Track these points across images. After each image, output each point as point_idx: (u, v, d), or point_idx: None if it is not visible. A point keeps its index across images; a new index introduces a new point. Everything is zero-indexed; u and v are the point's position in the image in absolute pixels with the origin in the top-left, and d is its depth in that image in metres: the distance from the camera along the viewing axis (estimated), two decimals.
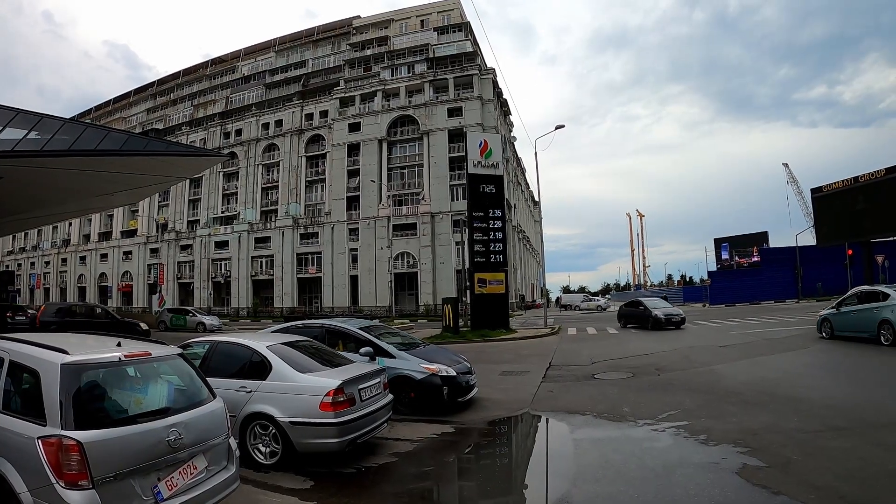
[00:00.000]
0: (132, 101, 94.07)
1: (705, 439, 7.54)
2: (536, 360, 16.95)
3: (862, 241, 44.25)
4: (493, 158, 29.62)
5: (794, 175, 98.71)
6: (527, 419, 9.97)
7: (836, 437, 7.26)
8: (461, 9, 72.55)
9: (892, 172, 42.14)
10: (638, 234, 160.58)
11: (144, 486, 4.14)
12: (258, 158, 76.55)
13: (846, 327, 17.84)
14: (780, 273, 56.16)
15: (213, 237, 76.46)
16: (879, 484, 5.61)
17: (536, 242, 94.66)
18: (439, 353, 11.27)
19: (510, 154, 75.15)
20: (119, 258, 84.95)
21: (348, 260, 67.78)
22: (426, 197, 65.31)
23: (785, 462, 6.36)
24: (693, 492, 5.66)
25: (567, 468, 7.09)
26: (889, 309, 15.88)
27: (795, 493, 5.43)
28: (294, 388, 6.98)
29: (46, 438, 3.84)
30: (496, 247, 28.83)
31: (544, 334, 26.38)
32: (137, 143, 20.43)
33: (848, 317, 17.87)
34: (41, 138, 17.49)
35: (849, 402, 9.22)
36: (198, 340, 8.52)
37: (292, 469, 6.77)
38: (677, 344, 19.99)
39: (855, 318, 17.49)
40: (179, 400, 4.84)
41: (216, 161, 51.49)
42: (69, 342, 4.58)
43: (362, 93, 71.42)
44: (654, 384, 11.97)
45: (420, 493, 6.61)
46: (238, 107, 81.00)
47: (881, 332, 15.97)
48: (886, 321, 15.84)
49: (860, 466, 6.12)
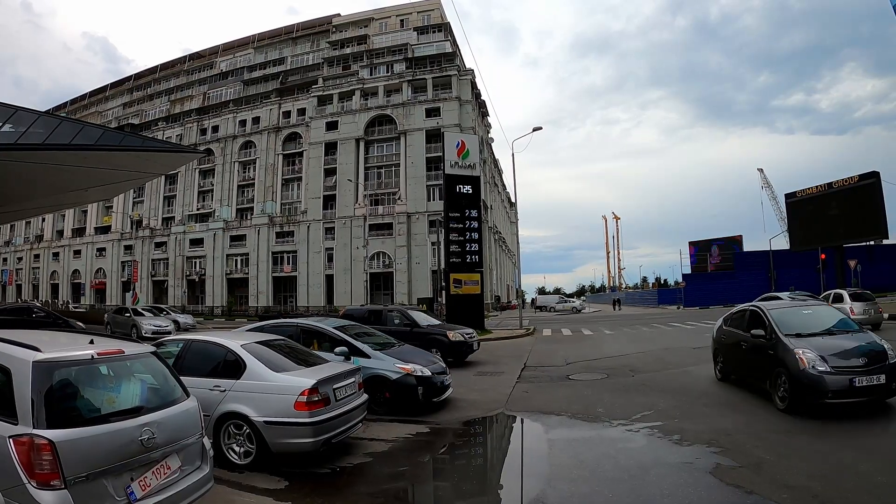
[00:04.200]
0: (108, 95, 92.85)
1: (679, 440, 7.62)
2: (511, 360, 17.04)
3: (835, 245, 44.89)
4: (470, 159, 29.69)
5: (769, 180, 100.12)
6: (502, 419, 10.01)
7: (808, 438, 7.39)
8: (442, 9, 72.57)
9: (865, 179, 42.87)
10: (614, 237, 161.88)
11: (117, 487, 4.09)
12: (235, 156, 75.94)
13: None
14: (755, 276, 56.68)
15: (188, 234, 75.69)
16: (852, 483, 5.71)
17: (512, 244, 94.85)
18: (415, 353, 11.27)
19: (487, 155, 75.31)
20: (93, 255, 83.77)
21: (324, 259, 67.60)
22: (403, 197, 65.26)
23: (758, 462, 6.47)
24: (667, 491, 5.72)
25: (542, 468, 7.13)
26: None
27: (769, 493, 5.52)
28: (268, 388, 6.92)
29: (18, 438, 3.78)
30: (472, 247, 28.90)
31: (519, 335, 26.47)
32: (113, 138, 20.16)
33: None
34: (15, 131, 17.18)
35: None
36: (172, 339, 8.46)
37: (267, 469, 6.72)
38: (652, 346, 20.18)
39: None
40: (153, 399, 4.77)
41: (192, 158, 50.99)
42: (41, 340, 4.51)
43: (340, 91, 71.19)
44: (629, 385, 12.07)
45: (395, 494, 6.61)
46: (215, 103, 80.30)
47: None
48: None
49: (833, 467, 6.23)
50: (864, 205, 42.12)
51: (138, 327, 28.34)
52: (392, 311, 19.06)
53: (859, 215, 42.23)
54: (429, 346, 15.46)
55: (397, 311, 19.08)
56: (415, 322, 17.37)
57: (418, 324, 17.28)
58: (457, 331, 17.12)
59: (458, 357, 16.51)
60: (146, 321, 29.45)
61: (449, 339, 16.38)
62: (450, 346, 16.19)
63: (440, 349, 15.58)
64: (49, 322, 24.30)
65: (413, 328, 16.87)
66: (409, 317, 17.84)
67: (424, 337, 16.21)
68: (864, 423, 7.93)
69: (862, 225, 42.37)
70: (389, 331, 15.13)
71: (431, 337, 16.41)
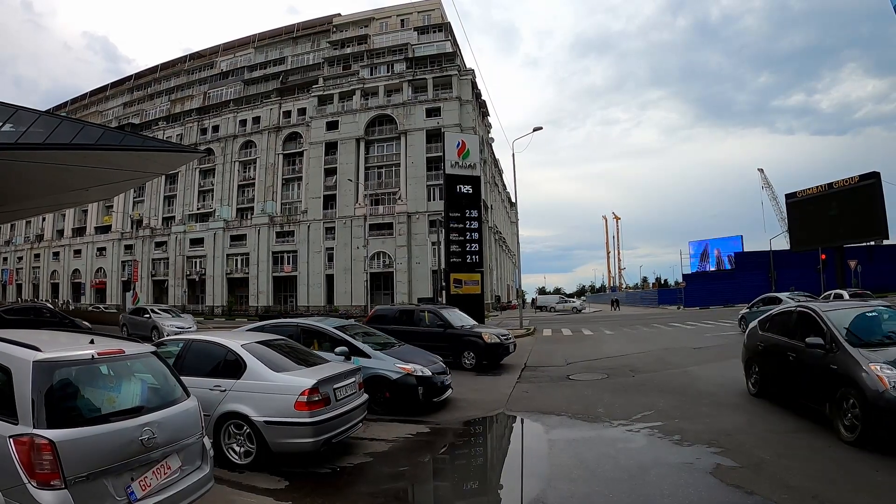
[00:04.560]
0: (108, 95, 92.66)
1: (679, 440, 7.62)
2: (512, 360, 16.98)
3: (835, 245, 44.85)
4: (470, 159, 29.65)
5: (769, 180, 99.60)
6: (502, 419, 10.02)
7: (806, 438, 7.39)
8: (442, 9, 72.52)
9: (865, 179, 42.83)
10: (614, 237, 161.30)
11: (118, 486, 4.09)
12: (235, 155, 75.84)
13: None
14: (755, 277, 56.57)
15: (188, 234, 75.59)
16: (851, 484, 5.71)
17: (512, 244, 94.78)
18: (415, 353, 11.28)
19: (488, 155, 75.26)
20: (93, 254, 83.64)
21: (324, 259, 67.53)
22: (403, 197, 65.21)
23: (758, 462, 6.47)
24: (667, 492, 5.72)
25: (542, 468, 7.14)
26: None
27: (769, 493, 5.52)
28: (269, 388, 6.93)
29: (18, 437, 3.78)
30: (472, 247, 28.86)
31: (519, 335, 26.41)
32: (113, 138, 20.22)
33: (756, 315, 19.72)
34: (16, 131, 17.23)
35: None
36: (172, 338, 8.46)
37: (267, 469, 6.72)
38: (652, 346, 20.20)
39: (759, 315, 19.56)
40: (153, 399, 4.78)
41: (192, 157, 50.98)
42: (41, 339, 4.51)
43: (341, 91, 71.10)
44: (629, 385, 12.08)
45: (395, 494, 6.61)
46: (215, 103, 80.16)
47: None
48: None
49: (832, 467, 6.23)
50: (864, 205, 42.09)
51: (160, 328, 26.95)
52: (424, 312, 17.76)
53: (859, 216, 42.21)
54: (462, 350, 15.76)
55: (430, 311, 17.84)
56: (448, 322, 16.54)
57: (451, 324, 16.50)
58: (492, 332, 16.67)
59: (493, 360, 16.05)
60: (167, 321, 28.10)
61: (484, 342, 15.70)
62: (485, 349, 15.67)
63: (475, 352, 15.60)
64: (55, 322, 24.27)
65: (446, 329, 16.25)
66: (442, 317, 16.87)
67: (458, 339, 15.94)
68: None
69: (862, 225, 42.34)
70: (421, 332, 15.43)
71: (465, 339, 15.95)
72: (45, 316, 22.84)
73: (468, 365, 15.54)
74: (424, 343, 13.18)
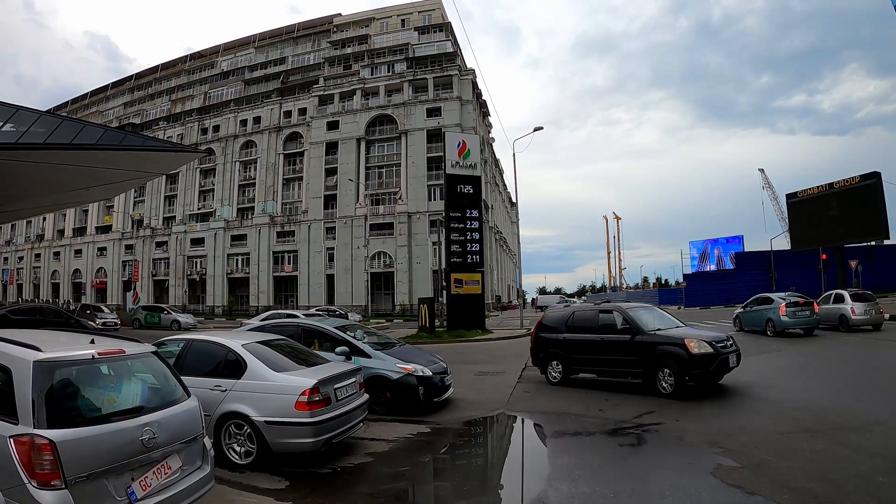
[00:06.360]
0: (109, 95, 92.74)
1: (680, 440, 7.61)
2: (512, 360, 17.00)
3: (836, 245, 44.77)
4: (471, 159, 29.69)
5: (770, 180, 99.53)
6: (502, 419, 10.02)
7: (807, 439, 7.38)
8: (443, 9, 72.60)
9: (866, 179, 42.72)
10: (614, 237, 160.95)
11: (118, 486, 4.09)
12: (236, 155, 75.86)
13: (748, 323, 23.93)
14: (755, 276, 56.50)
15: (188, 234, 75.61)
16: (851, 485, 5.70)
17: (513, 244, 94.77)
18: (415, 353, 11.29)
19: (488, 155, 75.25)
20: (93, 254, 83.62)
21: (325, 259, 67.56)
22: (403, 196, 65.24)
23: (759, 463, 6.47)
24: (668, 492, 5.72)
25: (542, 468, 7.14)
26: (772, 311, 21.95)
27: (770, 494, 5.52)
28: (269, 388, 6.93)
29: (18, 437, 3.77)
30: (473, 247, 28.89)
31: (520, 335, 26.41)
32: (114, 138, 20.21)
33: (749, 315, 24.00)
34: (16, 130, 17.23)
35: (818, 405, 9.38)
36: (172, 338, 8.45)
37: (267, 469, 6.73)
38: None
39: (753, 315, 23.58)
40: (153, 399, 4.77)
41: (193, 157, 50.91)
42: (41, 339, 4.50)
43: (341, 91, 71.14)
44: (629, 385, 12.03)
45: (395, 494, 6.62)
46: (216, 103, 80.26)
47: (767, 327, 22.04)
48: (769, 319, 21.97)
49: (832, 467, 6.22)
50: (864, 205, 42.00)
51: (178, 321, 35.26)
52: (609, 313, 12.70)
53: (860, 216, 42.11)
54: (658, 363, 10.98)
55: (616, 312, 12.60)
56: (637, 327, 11.60)
57: (642, 329, 11.55)
58: (700, 335, 11.30)
59: (705, 380, 10.93)
60: (182, 317, 37.00)
61: (689, 353, 10.59)
62: (690, 362, 10.56)
63: (674, 367, 10.72)
64: (61, 322, 24.41)
65: (634, 336, 11.51)
66: (632, 320, 11.86)
67: (651, 350, 11.16)
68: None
69: (863, 225, 42.24)
70: (603, 342, 12.08)
71: (661, 349, 10.97)
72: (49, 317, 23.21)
73: (666, 389, 10.77)
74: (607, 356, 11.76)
